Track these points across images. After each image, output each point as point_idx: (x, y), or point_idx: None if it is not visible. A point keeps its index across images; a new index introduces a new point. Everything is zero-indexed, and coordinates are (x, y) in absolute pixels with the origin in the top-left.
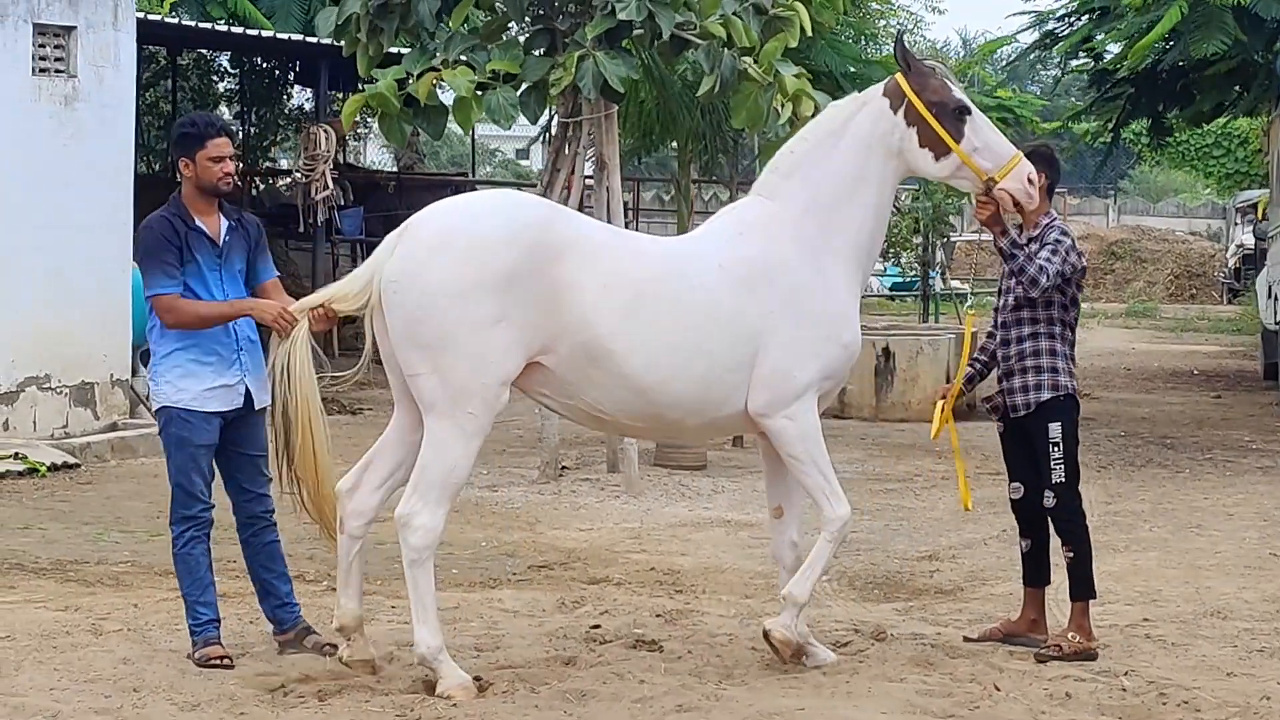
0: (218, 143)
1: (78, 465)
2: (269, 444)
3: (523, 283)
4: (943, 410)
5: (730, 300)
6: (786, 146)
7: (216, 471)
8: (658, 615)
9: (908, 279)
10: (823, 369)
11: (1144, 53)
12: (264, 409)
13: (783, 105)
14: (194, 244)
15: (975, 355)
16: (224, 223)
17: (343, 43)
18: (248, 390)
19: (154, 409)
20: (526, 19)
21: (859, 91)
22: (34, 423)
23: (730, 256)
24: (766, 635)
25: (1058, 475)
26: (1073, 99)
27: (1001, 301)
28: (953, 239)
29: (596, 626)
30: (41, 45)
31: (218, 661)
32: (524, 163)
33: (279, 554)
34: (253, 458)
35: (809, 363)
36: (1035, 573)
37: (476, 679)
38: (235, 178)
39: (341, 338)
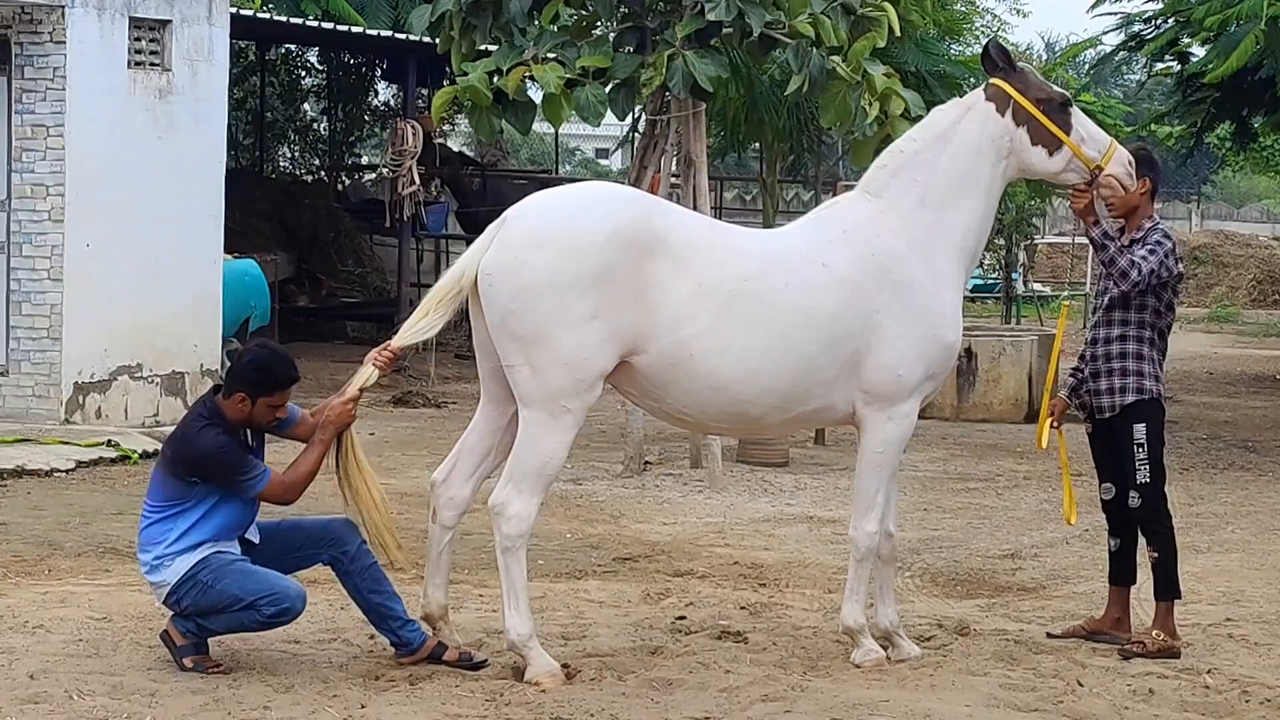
0: (285, 393)
1: None
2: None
3: (618, 281)
4: (1050, 421)
5: (832, 299)
6: (895, 145)
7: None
8: (742, 608)
9: (989, 281)
10: (927, 369)
11: (1225, 73)
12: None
13: (870, 104)
14: None
15: (1076, 365)
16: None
17: (437, 39)
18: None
19: (168, 594)
20: (616, 17)
21: (945, 90)
22: (125, 411)
23: (835, 255)
24: (859, 666)
25: (1142, 476)
26: (1156, 103)
27: (1098, 302)
28: (1035, 241)
29: (682, 618)
30: (137, 39)
31: (215, 668)
32: (603, 162)
33: (382, 574)
34: (286, 531)
35: (915, 362)
36: (1122, 572)
37: (564, 666)
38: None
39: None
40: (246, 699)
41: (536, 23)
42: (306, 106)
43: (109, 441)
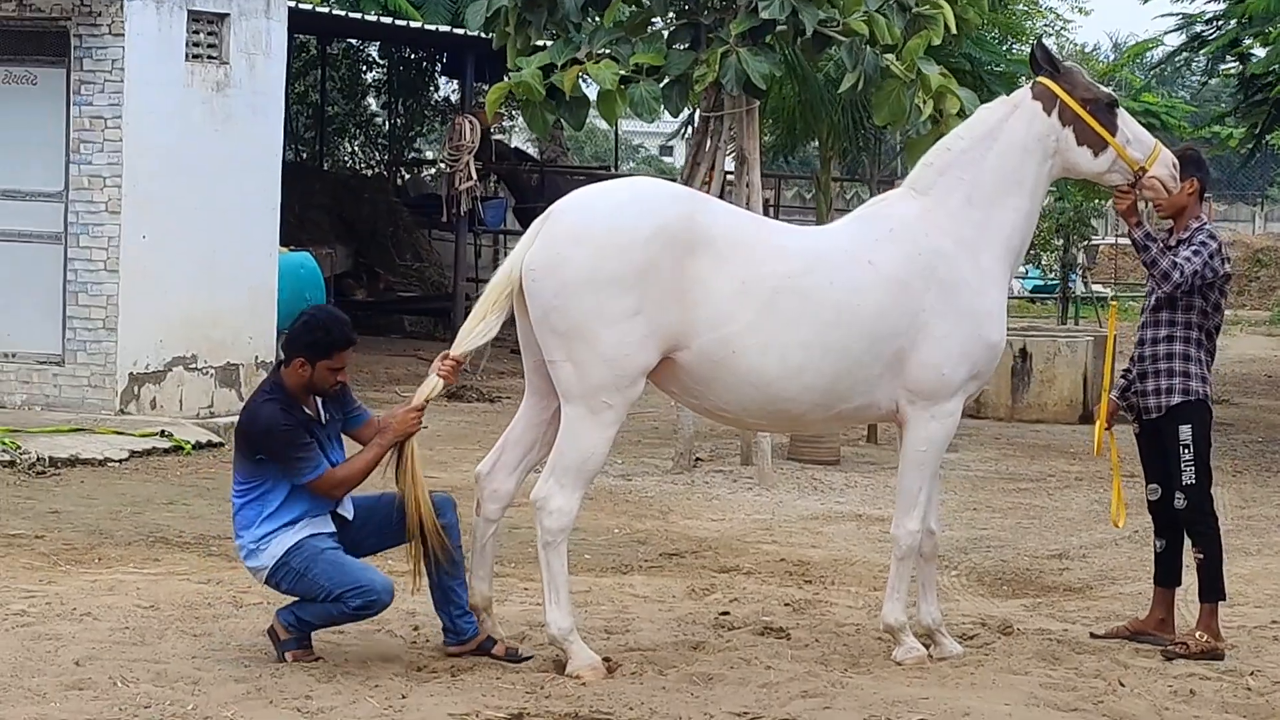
0: (343, 355)
1: (221, 444)
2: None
3: (660, 278)
4: (1101, 424)
5: (877, 297)
6: (943, 143)
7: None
8: (786, 604)
9: (1049, 281)
10: (971, 368)
11: None
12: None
13: (924, 102)
14: (310, 430)
15: (1126, 367)
16: (318, 400)
17: (492, 35)
18: (337, 517)
19: (268, 577)
20: (671, 14)
21: (1003, 89)
22: (180, 402)
23: (881, 253)
24: (901, 664)
25: (1188, 477)
26: (1223, 104)
27: (1145, 303)
28: (1095, 242)
29: (725, 613)
30: (195, 32)
31: (314, 661)
32: (667, 159)
33: (461, 559)
34: (385, 506)
35: (960, 362)
36: (1167, 573)
37: (606, 660)
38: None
39: None
40: (288, 688)
41: (591, 18)
42: (370, 100)
43: (163, 432)
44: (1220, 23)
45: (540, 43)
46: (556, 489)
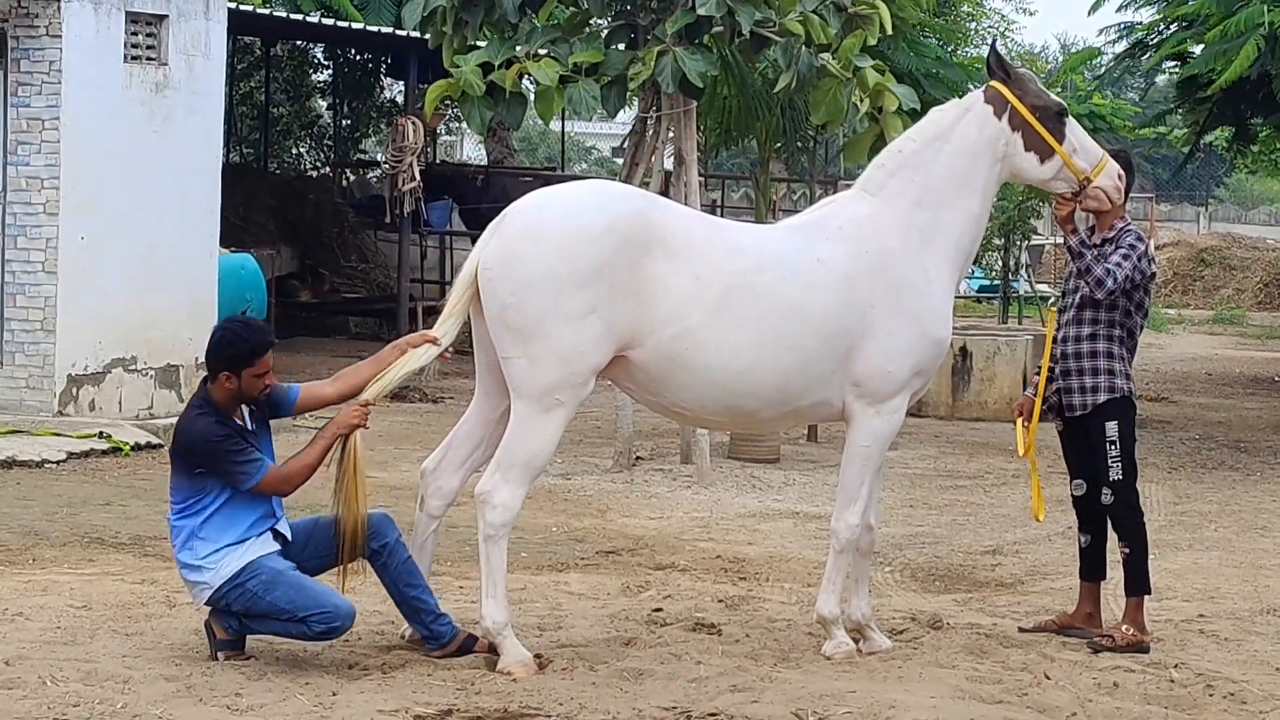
0: (264, 360)
1: (160, 445)
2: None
3: (615, 276)
4: (1020, 421)
5: (826, 296)
6: (894, 145)
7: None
8: (719, 600)
9: (994, 281)
10: (915, 365)
11: (1226, 83)
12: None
13: (861, 100)
14: (245, 437)
15: (1051, 364)
16: (245, 410)
17: (429, 35)
18: (278, 536)
19: (212, 594)
20: (609, 14)
21: (937, 91)
22: (119, 403)
23: (831, 251)
24: (830, 658)
25: (1115, 473)
26: (1172, 105)
27: (1067, 301)
28: (1038, 242)
29: (658, 610)
30: (134, 33)
31: (242, 661)
32: (619, 160)
33: (416, 568)
34: (325, 526)
35: (904, 359)
36: (1092, 568)
37: (537, 656)
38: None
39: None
40: (219, 685)
41: (529, 17)
42: (321, 102)
43: (101, 433)
44: (1162, 29)
45: (478, 43)
46: (502, 483)
